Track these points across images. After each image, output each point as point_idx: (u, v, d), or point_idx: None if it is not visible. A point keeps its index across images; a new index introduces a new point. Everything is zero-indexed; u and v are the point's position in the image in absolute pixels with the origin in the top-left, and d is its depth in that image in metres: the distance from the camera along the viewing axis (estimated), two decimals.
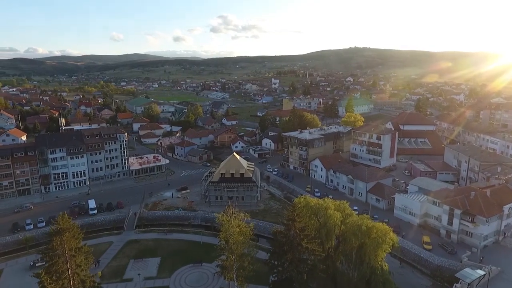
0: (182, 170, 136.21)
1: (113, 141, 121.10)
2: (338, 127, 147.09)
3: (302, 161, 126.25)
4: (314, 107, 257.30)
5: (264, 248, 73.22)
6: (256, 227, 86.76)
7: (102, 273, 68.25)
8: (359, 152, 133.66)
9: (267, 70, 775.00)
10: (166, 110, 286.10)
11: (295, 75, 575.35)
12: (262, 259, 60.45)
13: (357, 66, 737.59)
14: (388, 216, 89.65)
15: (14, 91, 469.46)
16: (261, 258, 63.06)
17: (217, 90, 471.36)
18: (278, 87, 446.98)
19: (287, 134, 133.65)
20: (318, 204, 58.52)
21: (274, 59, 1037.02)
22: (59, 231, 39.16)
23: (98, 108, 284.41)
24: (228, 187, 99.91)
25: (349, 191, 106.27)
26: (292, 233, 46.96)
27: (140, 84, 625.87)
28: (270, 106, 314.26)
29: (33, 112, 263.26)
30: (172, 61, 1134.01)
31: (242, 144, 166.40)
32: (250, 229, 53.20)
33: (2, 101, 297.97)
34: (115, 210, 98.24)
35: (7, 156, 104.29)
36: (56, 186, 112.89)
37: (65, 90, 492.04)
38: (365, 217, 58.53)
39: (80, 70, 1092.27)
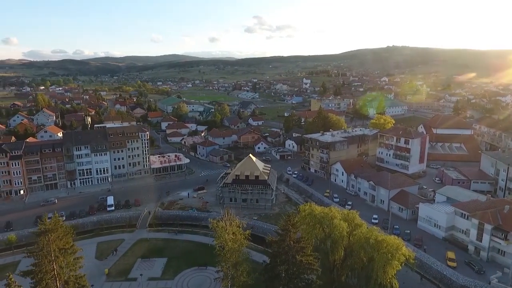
0: (202, 170, 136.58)
1: (135, 139, 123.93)
2: (364, 129, 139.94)
3: (323, 164, 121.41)
4: (343, 108, 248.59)
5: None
6: (261, 229, 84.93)
7: (109, 270, 69.20)
8: (385, 157, 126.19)
9: (300, 70, 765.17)
10: (195, 110, 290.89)
11: (327, 75, 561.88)
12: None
13: (395, 66, 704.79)
14: (411, 227, 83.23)
15: (60, 90, 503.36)
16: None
17: (248, 90, 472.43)
18: (309, 87, 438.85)
19: (308, 136, 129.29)
20: (323, 213, 54.74)
21: (308, 59, 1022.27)
22: (44, 231, 39.46)
23: (132, 107, 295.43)
24: (242, 189, 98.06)
25: (371, 198, 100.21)
26: (287, 244, 43.84)
27: (175, 84, 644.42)
28: (299, 106, 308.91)
29: (72, 110, 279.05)
30: (207, 62, 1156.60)
31: (265, 145, 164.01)
32: (246, 236, 50.70)
33: (46, 99, 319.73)
34: (131, 207, 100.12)
35: (36, 152, 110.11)
36: (81, 181, 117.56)
37: (104, 89, 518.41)
38: (375, 230, 53.88)
39: (121, 70, 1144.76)
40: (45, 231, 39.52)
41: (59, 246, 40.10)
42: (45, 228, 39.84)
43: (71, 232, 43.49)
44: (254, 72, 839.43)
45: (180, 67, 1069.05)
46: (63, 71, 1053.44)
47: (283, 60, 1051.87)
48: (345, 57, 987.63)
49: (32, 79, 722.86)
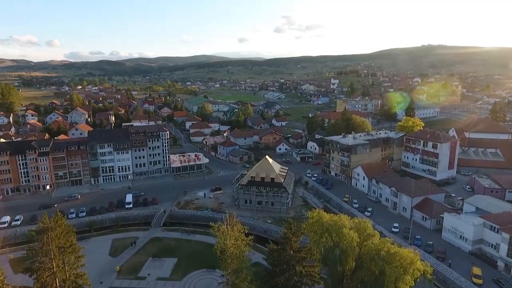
0: (221, 170, 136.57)
1: (156, 138, 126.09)
2: (389, 132, 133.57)
3: (344, 168, 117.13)
4: (371, 109, 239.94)
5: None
6: (275, 233, 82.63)
7: (120, 268, 70.24)
8: (411, 161, 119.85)
9: (328, 70, 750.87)
10: (220, 110, 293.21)
11: (356, 75, 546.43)
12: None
13: (430, 66, 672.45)
14: (434, 238, 77.90)
15: (95, 90, 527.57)
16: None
17: (274, 90, 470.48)
18: (336, 88, 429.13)
19: (329, 138, 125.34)
20: (332, 221, 51.86)
21: (337, 59, 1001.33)
22: (44, 230, 40.19)
23: (159, 106, 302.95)
24: (257, 191, 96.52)
25: (392, 205, 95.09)
26: (287, 254, 41.68)
27: (203, 84, 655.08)
28: (324, 107, 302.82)
29: (104, 108, 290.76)
30: (235, 62, 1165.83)
31: (286, 146, 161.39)
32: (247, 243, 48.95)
33: (80, 98, 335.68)
34: (149, 205, 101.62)
35: (63, 149, 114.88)
36: (104, 178, 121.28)
37: (136, 89, 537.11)
38: (387, 241, 50.28)
39: (154, 70, 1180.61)
40: (45, 229, 40.32)
41: (58, 245, 40.70)
42: (44, 227, 40.64)
43: (71, 231, 43.94)
44: (282, 72, 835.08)
45: (209, 67, 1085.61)
46: (99, 71, 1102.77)
47: (311, 60, 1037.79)
48: (376, 56, 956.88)
49: (71, 79, 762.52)
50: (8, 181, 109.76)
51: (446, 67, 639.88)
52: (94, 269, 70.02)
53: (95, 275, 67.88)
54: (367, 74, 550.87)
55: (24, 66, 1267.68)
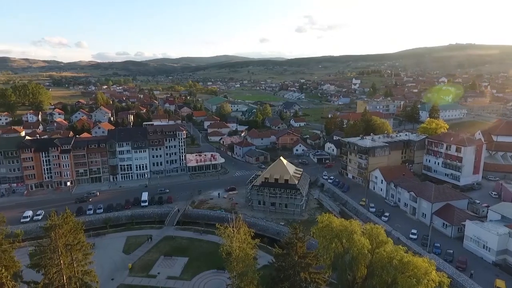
0: (237, 170, 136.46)
1: (172, 138, 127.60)
2: (410, 134, 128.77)
3: (361, 171, 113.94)
4: (392, 110, 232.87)
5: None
6: (282, 234, 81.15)
7: (132, 265, 71.23)
8: (433, 165, 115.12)
9: (350, 70, 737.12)
10: (239, 109, 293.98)
11: (379, 75, 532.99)
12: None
13: (458, 65, 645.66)
14: (455, 247, 74.09)
15: (119, 89, 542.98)
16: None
17: (294, 90, 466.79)
18: (358, 88, 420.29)
19: (346, 140, 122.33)
20: (342, 226, 50.11)
21: (360, 59, 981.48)
22: (51, 227, 41.04)
23: (179, 106, 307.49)
24: (270, 192, 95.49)
25: (411, 210, 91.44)
26: (291, 259, 40.45)
27: (224, 84, 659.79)
28: (345, 108, 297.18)
29: (127, 108, 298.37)
30: (256, 62, 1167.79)
31: (303, 147, 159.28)
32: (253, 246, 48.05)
33: (104, 97, 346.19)
34: (164, 204, 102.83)
35: (83, 147, 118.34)
36: (122, 176, 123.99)
37: (158, 88, 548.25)
38: (401, 249, 47.99)
39: (176, 71, 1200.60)
40: (52, 226, 41.18)
41: (66, 242, 41.48)
42: (52, 224, 41.52)
43: (79, 228, 44.67)
44: (303, 72, 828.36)
45: (230, 67, 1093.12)
46: (125, 71, 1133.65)
47: (333, 60, 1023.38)
48: (400, 56, 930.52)
49: (97, 79, 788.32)
50: (33, 177, 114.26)
51: (475, 67, 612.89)
52: (108, 265, 71.63)
53: (108, 271, 69.46)
54: (390, 74, 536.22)
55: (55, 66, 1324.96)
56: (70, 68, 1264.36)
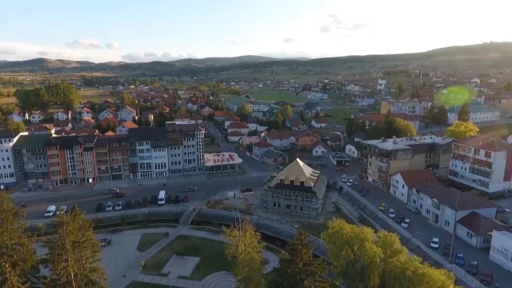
0: (254, 170, 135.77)
1: (191, 137, 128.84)
2: (435, 137, 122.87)
3: (382, 174, 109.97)
4: (419, 112, 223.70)
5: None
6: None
7: (145, 263, 72.20)
8: (460, 170, 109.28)
9: (376, 70, 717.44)
10: (260, 110, 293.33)
11: (406, 75, 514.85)
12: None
13: (492, 65, 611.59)
14: (480, 258, 69.62)
15: (145, 89, 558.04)
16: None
17: (317, 91, 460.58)
18: (383, 89, 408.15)
19: (367, 142, 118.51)
20: (353, 233, 48.07)
21: (387, 58, 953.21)
22: (59, 224, 42.00)
23: (201, 105, 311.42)
24: (285, 194, 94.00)
25: (434, 218, 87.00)
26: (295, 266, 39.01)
27: (247, 84, 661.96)
28: (369, 109, 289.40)
29: (151, 107, 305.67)
30: (280, 62, 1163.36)
31: (323, 149, 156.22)
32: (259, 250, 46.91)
33: (130, 97, 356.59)
34: (180, 203, 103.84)
35: (105, 145, 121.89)
36: (141, 174, 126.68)
37: (183, 88, 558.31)
38: (416, 259, 45.43)
39: (201, 71, 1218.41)
40: (60, 224, 42.18)
41: (73, 239, 42.35)
42: (60, 221, 42.52)
43: (87, 225, 45.48)
44: (327, 72, 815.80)
45: (254, 67, 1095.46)
46: (152, 72, 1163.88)
47: (359, 60, 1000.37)
48: (430, 55, 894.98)
49: (125, 79, 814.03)
50: (58, 173, 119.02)
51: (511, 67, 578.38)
52: (122, 262, 73.10)
53: (121, 268, 70.88)
54: (418, 74, 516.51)
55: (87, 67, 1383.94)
56: (101, 68, 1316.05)
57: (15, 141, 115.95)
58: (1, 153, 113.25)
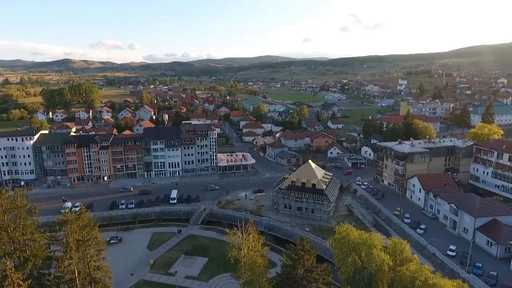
0: (267, 171, 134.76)
1: (204, 137, 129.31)
2: (456, 140, 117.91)
3: (398, 178, 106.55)
4: (440, 114, 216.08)
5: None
6: (312, 243, 77.87)
7: (154, 262, 72.69)
8: (482, 175, 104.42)
9: (397, 70, 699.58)
10: (276, 110, 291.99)
11: (428, 75, 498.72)
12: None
13: None
14: (500, 269, 66.00)
15: (164, 89, 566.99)
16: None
17: (335, 91, 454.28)
18: (404, 89, 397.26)
19: (383, 144, 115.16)
20: (361, 239, 46.30)
21: (408, 58, 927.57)
22: (64, 222, 42.60)
23: (218, 105, 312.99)
24: (296, 196, 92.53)
25: (452, 224, 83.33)
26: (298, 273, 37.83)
27: (264, 84, 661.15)
28: (388, 110, 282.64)
29: (169, 107, 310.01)
30: (298, 62, 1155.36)
31: (338, 151, 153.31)
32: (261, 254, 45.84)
33: (149, 96, 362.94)
34: (192, 202, 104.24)
35: (121, 144, 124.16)
36: (155, 173, 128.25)
37: (201, 88, 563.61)
38: (426, 269, 43.20)
39: (219, 71, 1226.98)
40: (65, 222, 42.79)
41: (77, 237, 42.90)
42: (64, 219, 43.15)
43: (91, 224, 45.96)
44: (346, 72, 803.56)
45: (272, 67, 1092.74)
46: (171, 72, 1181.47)
47: (379, 60, 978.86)
48: (455, 55, 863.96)
49: (146, 79, 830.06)
50: (75, 170, 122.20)
51: None
52: (131, 260, 73.93)
53: (131, 266, 71.68)
54: (441, 74, 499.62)
55: (109, 67, 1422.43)
56: (123, 68, 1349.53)
57: (35, 139, 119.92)
58: (22, 150, 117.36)
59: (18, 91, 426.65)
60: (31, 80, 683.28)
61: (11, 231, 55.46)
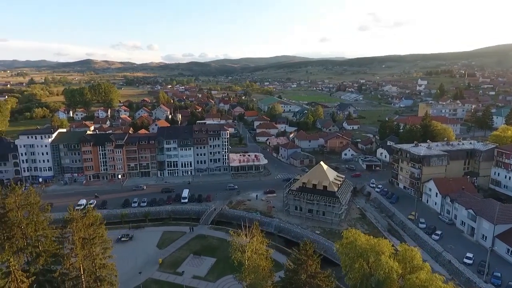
0: (279, 172, 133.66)
1: (216, 137, 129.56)
2: (476, 142, 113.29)
3: (413, 181, 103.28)
4: (461, 115, 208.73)
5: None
6: (321, 246, 76.31)
7: (162, 260, 73.16)
8: (503, 179, 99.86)
9: (417, 70, 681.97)
10: (292, 110, 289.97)
11: (450, 75, 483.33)
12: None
13: None
14: None
15: (181, 89, 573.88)
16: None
17: (352, 91, 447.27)
18: (423, 90, 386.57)
19: (398, 146, 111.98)
20: (369, 245, 44.78)
21: (429, 58, 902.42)
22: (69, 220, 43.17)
23: (232, 105, 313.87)
24: (307, 198, 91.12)
25: (469, 231, 79.94)
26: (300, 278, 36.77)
27: (280, 84, 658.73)
28: (406, 111, 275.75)
29: (184, 106, 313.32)
30: (315, 62, 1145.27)
31: (352, 152, 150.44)
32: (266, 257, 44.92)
33: (165, 96, 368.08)
34: (202, 202, 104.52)
35: (135, 143, 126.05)
36: (168, 172, 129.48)
37: (217, 88, 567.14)
38: (437, 278, 41.27)
39: (236, 71, 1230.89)
40: (70, 220, 43.39)
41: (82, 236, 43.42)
42: (69, 218, 43.76)
43: (97, 222, 46.40)
44: (364, 72, 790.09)
45: (288, 67, 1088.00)
46: (189, 72, 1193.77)
47: (399, 60, 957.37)
48: (478, 54, 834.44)
49: (164, 79, 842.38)
50: (91, 168, 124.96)
51: None
52: (141, 258, 74.60)
53: (140, 264, 72.25)
54: (463, 74, 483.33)
55: (129, 67, 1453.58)
56: (142, 69, 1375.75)
57: (53, 137, 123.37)
58: (41, 148, 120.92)
59: (42, 90, 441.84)
60: (54, 80, 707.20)
61: (24, 227, 57.14)
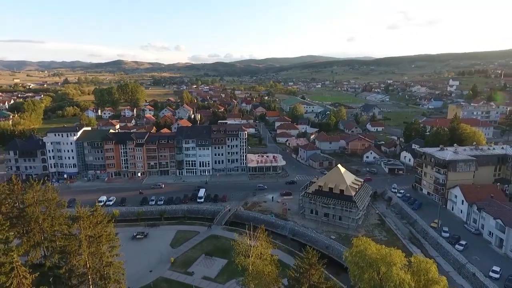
0: (297, 174, 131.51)
1: (234, 137, 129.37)
2: (509, 147, 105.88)
3: (438, 187, 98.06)
4: (494, 118, 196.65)
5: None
6: (336, 252, 73.62)
7: (174, 259, 73.57)
8: None
9: (450, 70, 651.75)
10: (314, 111, 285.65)
11: (484, 75, 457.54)
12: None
13: None
14: None
15: (206, 89, 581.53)
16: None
17: (379, 92, 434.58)
18: (455, 90, 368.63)
19: (422, 150, 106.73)
20: (379, 255, 42.28)
21: (462, 57, 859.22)
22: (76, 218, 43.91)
23: (255, 105, 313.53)
24: (323, 202, 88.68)
25: (497, 242, 74.65)
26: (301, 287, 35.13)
27: (305, 85, 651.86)
28: (435, 112, 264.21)
29: (207, 106, 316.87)
30: (341, 62, 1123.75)
31: (374, 155, 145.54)
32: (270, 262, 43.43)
33: (189, 96, 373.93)
34: (218, 202, 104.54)
35: (155, 142, 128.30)
36: (187, 171, 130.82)
37: (240, 88, 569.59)
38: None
39: (260, 71, 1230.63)
40: (77, 218, 44.16)
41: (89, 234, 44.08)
42: (77, 216, 44.53)
43: (105, 220, 46.96)
44: (392, 72, 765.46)
45: (313, 67, 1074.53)
46: (214, 72, 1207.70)
47: (430, 59, 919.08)
48: None
49: (189, 79, 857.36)
50: (112, 166, 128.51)
51: None
52: (154, 257, 75.44)
53: (153, 262, 73.11)
54: (499, 75, 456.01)
55: (157, 68, 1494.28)
56: (169, 69, 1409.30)
57: (78, 135, 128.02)
58: (66, 145, 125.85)
59: (75, 90, 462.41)
60: (87, 79, 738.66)
61: (41, 222, 59.15)
